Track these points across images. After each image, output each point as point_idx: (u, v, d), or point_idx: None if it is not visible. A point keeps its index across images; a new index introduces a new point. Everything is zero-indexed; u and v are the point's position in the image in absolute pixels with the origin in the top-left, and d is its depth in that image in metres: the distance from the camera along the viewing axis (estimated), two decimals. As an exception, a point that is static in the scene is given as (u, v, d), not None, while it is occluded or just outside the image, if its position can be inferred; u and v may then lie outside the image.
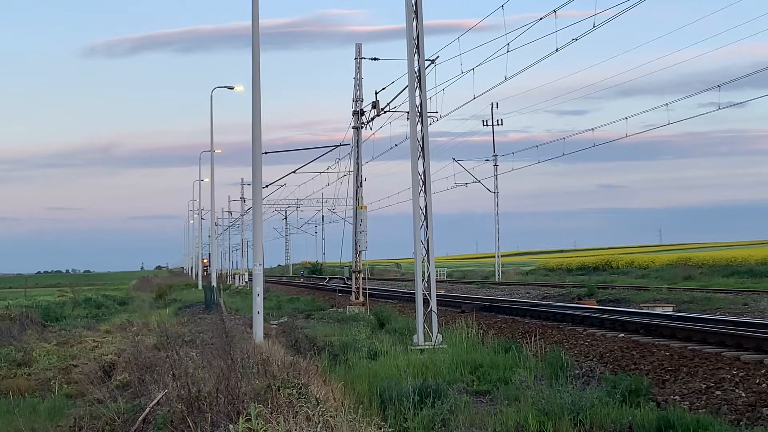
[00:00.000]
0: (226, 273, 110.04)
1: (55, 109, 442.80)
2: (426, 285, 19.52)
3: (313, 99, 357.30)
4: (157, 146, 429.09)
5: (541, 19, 21.91)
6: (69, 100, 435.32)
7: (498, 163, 66.51)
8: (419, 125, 20.03)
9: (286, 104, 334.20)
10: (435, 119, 30.57)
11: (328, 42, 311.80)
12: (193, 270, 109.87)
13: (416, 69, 20.16)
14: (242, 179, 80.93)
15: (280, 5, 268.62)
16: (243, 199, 80.00)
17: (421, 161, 19.84)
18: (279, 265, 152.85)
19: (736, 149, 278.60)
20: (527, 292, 45.46)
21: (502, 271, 71.24)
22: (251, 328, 18.36)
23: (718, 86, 29.05)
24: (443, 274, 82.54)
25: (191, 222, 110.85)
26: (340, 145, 39.20)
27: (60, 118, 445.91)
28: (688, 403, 12.39)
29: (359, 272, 35.92)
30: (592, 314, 24.33)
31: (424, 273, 19.55)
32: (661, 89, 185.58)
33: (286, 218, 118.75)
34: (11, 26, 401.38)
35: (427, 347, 17.94)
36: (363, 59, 35.42)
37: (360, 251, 35.07)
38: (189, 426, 8.23)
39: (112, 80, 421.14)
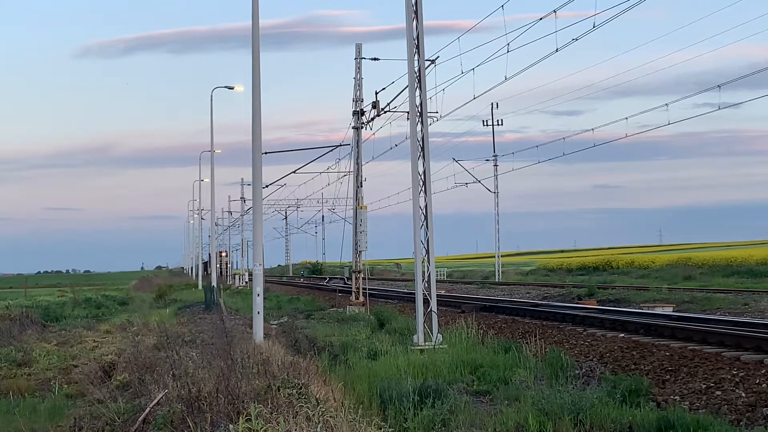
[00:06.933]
0: (227, 273, 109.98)
1: (50, 110, 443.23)
2: (426, 285, 19.52)
3: (310, 99, 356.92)
4: (155, 147, 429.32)
5: (541, 19, 21.93)
6: (64, 101, 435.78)
7: (498, 163, 66.63)
8: (419, 125, 20.03)
9: (282, 105, 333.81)
10: (435, 119, 30.58)
11: (324, 43, 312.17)
12: (193, 270, 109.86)
13: (416, 69, 20.16)
14: (242, 179, 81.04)
15: (277, 6, 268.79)
16: (243, 199, 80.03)
17: (421, 161, 19.85)
18: (279, 265, 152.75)
19: (733, 149, 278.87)
20: (527, 293, 45.45)
21: (502, 271, 71.21)
22: (251, 328, 18.36)
23: (719, 86, 29.03)
24: (443, 274, 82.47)
25: (191, 222, 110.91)
26: (341, 145, 39.21)
27: (55, 118, 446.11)
28: (688, 403, 12.38)
29: (359, 272, 35.93)
30: (593, 314, 24.33)
31: (424, 273, 19.55)
32: (656, 90, 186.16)
33: (286, 218, 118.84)
34: (6, 27, 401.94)
35: (427, 347, 17.94)
36: (363, 59, 35.43)
37: (360, 251, 35.07)
38: (189, 426, 8.23)
39: (107, 81, 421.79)
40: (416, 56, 20.12)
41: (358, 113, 35.48)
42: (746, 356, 15.03)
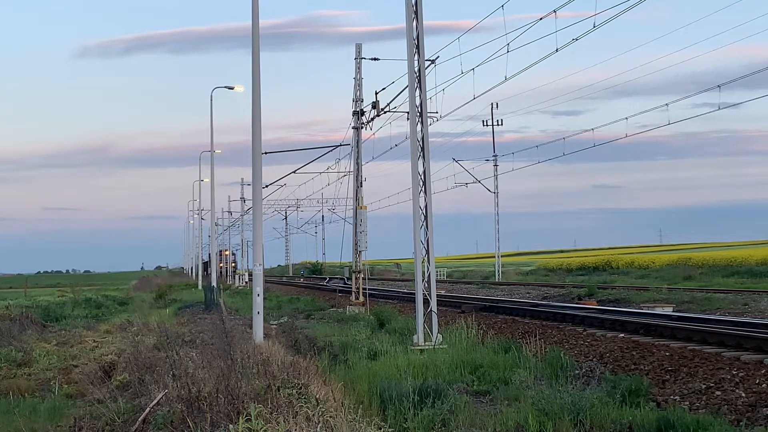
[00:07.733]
0: (227, 272, 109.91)
1: (50, 110, 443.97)
2: (426, 285, 19.52)
3: (310, 99, 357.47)
4: (153, 147, 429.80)
5: (541, 19, 21.91)
6: (64, 101, 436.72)
7: (498, 163, 66.64)
8: (419, 125, 20.03)
9: (281, 105, 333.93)
10: (435, 119, 30.57)
11: (324, 43, 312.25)
12: (193, 270, 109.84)
13: (416, 69, 20.16)
14: (242, 179, 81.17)
15: (277, 6, 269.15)
16: (243, 199, 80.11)
17: (421, 161, 19.85)
18: (279, 265, 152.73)
19: (732, 149, 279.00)
20: (527, 293, 45.45)
21: (502, 272, 71.23)
22: (251, 328, 18.36)
23: (718, 86, 28.99)
24: (443, 274, 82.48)
25: (191, 222, 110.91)
26: (341, 145, 39.24)
27: (55, 118, 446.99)
28: (688, 403, 12.38)
29: (359, 272, 35.92)
30: (592, 314, 24.33)
31: (424, 273, 19.55)
32: (656, 90, 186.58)
33: (286, 218, 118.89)
34: (6, 27, 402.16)
35: (427, 347, 17.94)
36: (363, 59, 35.43)
37: (360, 251, 35.07)
38: (189, 426, 8.23)
39: (107, 81, 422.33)
40: (416, 56, 20.12)
41: (358, 113, 35.49)
42: (746, 356, 15.03)
